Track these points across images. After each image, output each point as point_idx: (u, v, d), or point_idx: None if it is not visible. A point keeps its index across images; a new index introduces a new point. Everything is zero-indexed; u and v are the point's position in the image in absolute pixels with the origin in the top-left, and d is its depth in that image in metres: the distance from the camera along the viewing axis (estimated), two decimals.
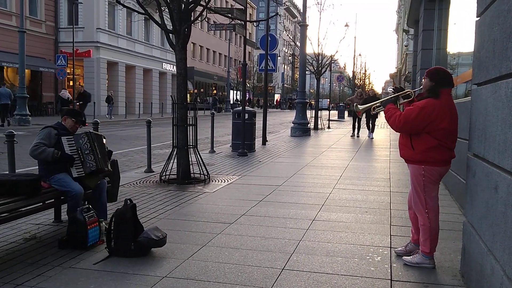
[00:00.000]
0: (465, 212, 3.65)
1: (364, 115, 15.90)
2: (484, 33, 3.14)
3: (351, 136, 16.45)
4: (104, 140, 4.86)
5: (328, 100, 37.54)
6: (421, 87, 3.76)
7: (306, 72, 18.97)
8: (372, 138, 15.82)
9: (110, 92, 28.98)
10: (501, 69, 2.65)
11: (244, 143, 10.70)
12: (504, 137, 2.52)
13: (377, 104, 4.10)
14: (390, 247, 4.19)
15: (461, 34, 8.14)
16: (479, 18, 3.34)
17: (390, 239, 4.44)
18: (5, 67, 25.02)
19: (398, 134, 3.92)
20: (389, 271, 3.63)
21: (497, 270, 2.54)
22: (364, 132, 17.19)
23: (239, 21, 11.56)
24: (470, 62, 3.78)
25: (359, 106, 4.44)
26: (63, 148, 4.41)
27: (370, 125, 16.23)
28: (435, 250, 3.74)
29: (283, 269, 3.63)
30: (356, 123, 16.71)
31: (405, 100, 3.96)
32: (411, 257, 3.79)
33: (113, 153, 5.12)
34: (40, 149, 4.31)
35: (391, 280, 3.46)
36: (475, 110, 3.37)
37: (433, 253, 3.73)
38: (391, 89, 4.14)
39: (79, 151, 4.48)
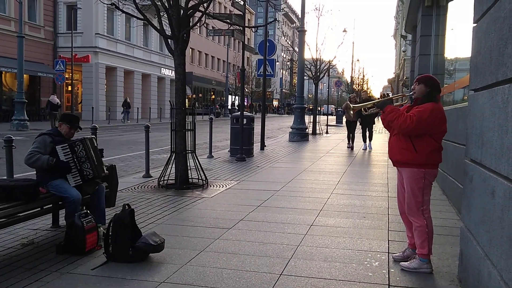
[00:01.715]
0: (462, 217, 3.66)
1: (359, 123, 14.32)
2: (481, 39, 3.16)
3: (347, 147, 14.40)
4: (95, 141, 4.80)
5: (333, 106, 37.62)
6: (412, 92, 3.85)
7: (304, 77, 19.03)
8: (371, 149, 13.88)
9: (126, 97, 29.83)
10: (498, 75, 2.67)
11: (242, 148, 10.71)
12: (501, 142, 2.54)
13: (370, 105, 4.15)
14: (388, 252, 4.19)
15: (458, 40, 8.18)
16: (476, 24, 3.36)
17: (388, 244, 4.44)
18: (3, 72, 25.05)
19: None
20: (387, 276, 3.63)
21: (494, 275, 2.54)
22: (358, 142, 14.83)
23: (237, 27, 11.60)
24: (468, 68, 3.83)
25: (352, 105, 4.45)
26: (58, 157, 4.39)
27: (367, 133, 14.09)
28: (431, 252, 3.76)
29: (281, 274, 3.63)
30: (351, 134, 14.43)
31: (399, 103, 4.07)
32: (408, 262, 3.80)
33: (112, 158, 5.14)
34: (35, 157, 4.28)
35: (389, 285, 3.45)
36: (472, 115, 3.39)
37: (430, 255, 3.75)
38: (389, 94, 4.22)
39: (75, 160, 4.46)
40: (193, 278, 3.52)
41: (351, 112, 4.39)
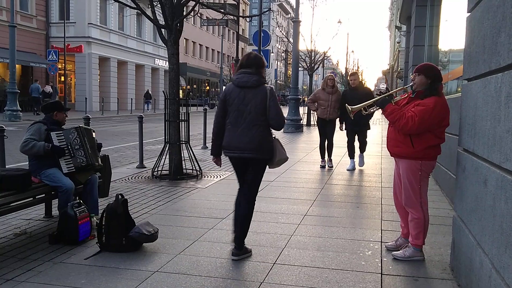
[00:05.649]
0: (455, 206, 3.68)
1: (342, 128, 8.57)
2: (475, 28, 3.16)
3: (321, 166, 8.72)
4: (94, 134, 4.84)
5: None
6: (411, 83, 3.76)
7: (299, 68, 18.98)
8: (362, 165, 8.65)
9: (148, 89, 32.56)
10: (491, 64, 2.67)
11: None
12: (494, 131, 2.55)
13: (370, 104, 3.96)
14: (381, 242, 4.21)
15: (452, 31, 8.18)
16: (469, 13, 3.36)
17: (381, 234, 4.47)
18: None
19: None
20: (380, 265, 3.65)
21: (486, 263, 2.56)
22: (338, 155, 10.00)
23: (231, 17, 11.53)
24: (461, 59, 3.80)
25: (350, 107, 4.14)
26: (53, 142, 4.38)
27: (359, 142, 8.69)
28: (424, 242, 3.79)
29: (274, 263, 3.64)
30: (327, 141, 8.84)
31: (399, 98, 3.96)
32: (401, 251, 3.81)
33: (105, 149, 5.12)
34: (30, 144, 4.28)
35: (381, 274, 3.48)
36: (465, 105, 3.39)
37: (423, 245, 3.78)
38: (383, 86, 4.12)
39: (69, 147, 4.46)
40: (186, 267, 3.52)
41: (351, 113, 4.12)
